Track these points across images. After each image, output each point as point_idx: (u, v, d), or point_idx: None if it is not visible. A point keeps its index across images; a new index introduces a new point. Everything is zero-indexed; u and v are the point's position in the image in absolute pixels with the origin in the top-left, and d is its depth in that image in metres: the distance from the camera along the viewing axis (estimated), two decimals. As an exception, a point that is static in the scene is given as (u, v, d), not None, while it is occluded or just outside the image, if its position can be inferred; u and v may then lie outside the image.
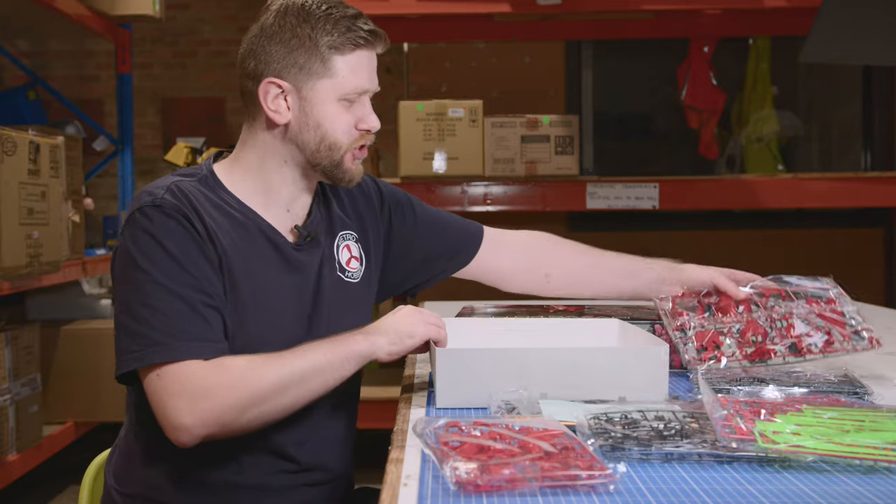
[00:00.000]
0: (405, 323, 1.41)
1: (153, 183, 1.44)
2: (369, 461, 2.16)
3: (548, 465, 0.99)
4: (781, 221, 5.04)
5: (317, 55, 1.43)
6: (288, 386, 1.33)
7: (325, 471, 1.51)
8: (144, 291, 1.33)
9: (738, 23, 4.18)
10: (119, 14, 4.12)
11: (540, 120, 3.66)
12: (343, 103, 1.46)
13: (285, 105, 1.45)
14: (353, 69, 1.45)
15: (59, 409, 3.63)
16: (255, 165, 1.49)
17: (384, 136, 5.42)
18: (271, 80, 1.44)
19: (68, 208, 3.48)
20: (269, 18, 1.45)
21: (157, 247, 1.35)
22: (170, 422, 1.30)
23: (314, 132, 1.45)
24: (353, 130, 1.47)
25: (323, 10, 1.44)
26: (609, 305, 1.90)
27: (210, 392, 1.30)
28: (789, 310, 1.54)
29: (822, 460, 1.04)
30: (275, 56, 1.43)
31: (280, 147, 1.47)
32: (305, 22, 1.43)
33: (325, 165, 1.47)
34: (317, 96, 1.44)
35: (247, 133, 1.50)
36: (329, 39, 1.43)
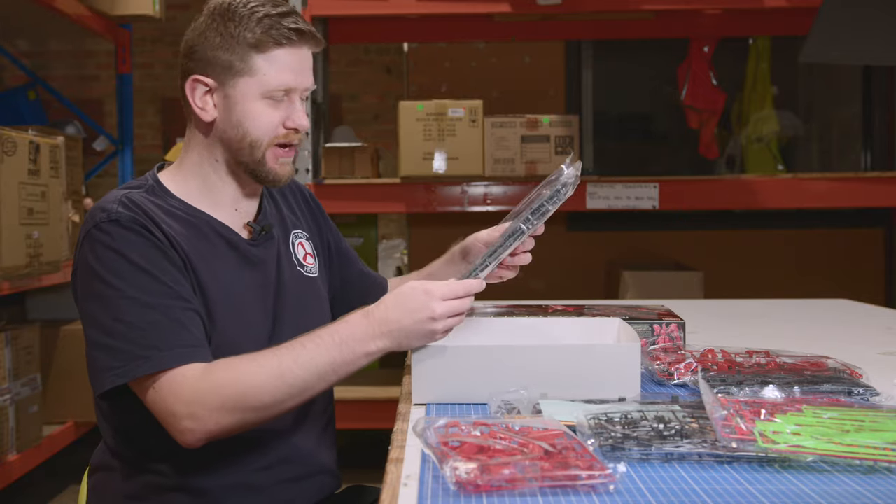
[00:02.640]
0: (420, 328, 1.32)
1: (103, 199, 1.43)
2: (369, 461, 2.16)
3: (548, 465, 0.99)
4: (781, 221, 5.04)
5: (238, 53, 1.43)
6: (289, 397, 1.32)
7: (304, 465, 1.51)
8: (116, 307, 1.32)
9: (738, 23, 4.18)
10: (119, 14, 4.12)
11: (540, 120, 3.66)
12: (267, 101, 1.45)
13: (212, 103, 1.46)
14: (276, 67, 1.44)
15: (59, 409, 3.63)
16: (195, 166, 1.50)
17: (384, 135, 5.45)
18: (197, 78, 1.45)
19: (68, 208, 3.48)
20: (199, 18, 1.48)
21: (122, 260, 1.34)
22: (174, 428, 1.31)
23: (236, 129, 1.46)
24: (278, 128, 1.46)
25: (248, 8, 1.44)
26: (608, 305, 1.90)
27: (205, 402, 1.29)
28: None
29: (822, 460, 1.04)
30: (201, 54, 1.45)
31: (211, 145, 1.49)
32: (230, 20, 1.44)
33: (247, 163, 1.48)
34: (238, 94, 1.44)
35: (188, 134, 1.52)
36: (251, 37, 1.43)
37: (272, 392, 1.30)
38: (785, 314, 2.50)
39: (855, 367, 1.44)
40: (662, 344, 1.60)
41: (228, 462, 1.44)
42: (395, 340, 1.33)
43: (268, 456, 1.46)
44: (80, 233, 1.41)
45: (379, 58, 5.81)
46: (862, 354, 1.66)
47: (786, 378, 1.37)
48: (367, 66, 5.79)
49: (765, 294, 3.44)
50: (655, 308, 1.81)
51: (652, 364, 1.49)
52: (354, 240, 4.52)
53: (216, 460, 1.43)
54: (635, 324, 1.62)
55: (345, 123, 5.59)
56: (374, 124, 5.77)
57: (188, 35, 1.49)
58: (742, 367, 1.45)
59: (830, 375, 1.39)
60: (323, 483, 1.55)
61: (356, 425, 3.65)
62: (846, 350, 1.72)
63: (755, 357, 1.50)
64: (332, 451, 1.60)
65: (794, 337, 2.05)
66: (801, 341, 1.93)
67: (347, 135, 4.91)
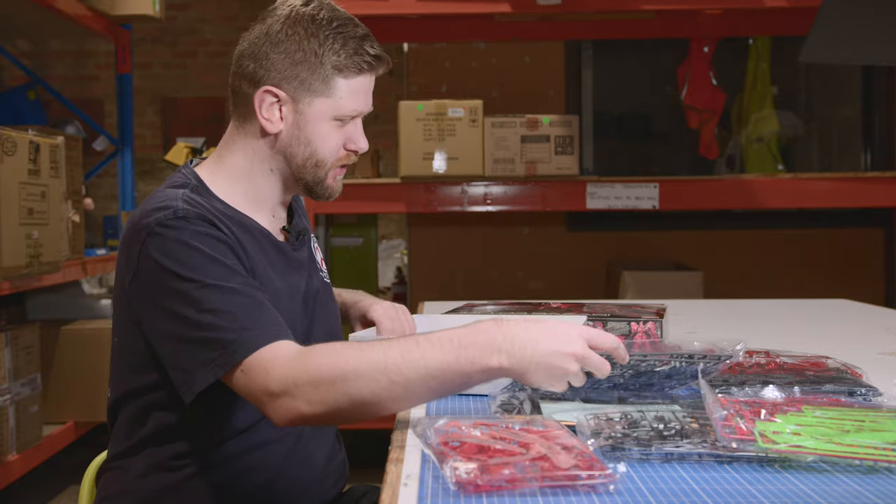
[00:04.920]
0: (554, 361, 1.15)
1: (158, 198, 1.38)
2: (369, 461, 2.16)
3: (548, 465, 0.99)
4: (781, 221, 5.04)
5: (320, 73, 1.40)
6: (390, 399, 1.19)
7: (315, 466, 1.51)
8: (199, 299, 1.27)
9: (738, 23, 4.18)
10: (119, 14, 4.12)
11: (540, 120, 3.66)
12: (336, 123, 1.44)
13: (279, 115, 1.42)
14: (353, 92, 1.43)
15: (59, 409, 3.63)
16: (242, 170, 1.47)
17: (384, 135, 5.45)
18: (269, 89, 1.41)
19: (68, 208, 3.48)
20: (276, 24, 1.42)
21: (195, 252, 1.30)
22: (268, 407, 1.23)
23: (304, 147, 1.44)
24: (340, 150, 1.46)
25: (333, 26, 1.41)
26: (607, 304, 1.90)
27: (299, 382, 1.20)
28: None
29: (822, 460, 1.04)
30: (277, 65, 1.40)
31: (269, 155, 1.46)
32: (314, 36, 1.40)
33: (307, 181, 1.46)
34: (312, 113, 1.42)
35: (235, 134, 1.48)
36: (335, 59, 1.40)
37: (370, 384, 1.17)
38: (785, 314, 2.50)
39: (855, 366, 1.44)
40: (639, 341, 1.61)
41: (245, 465, 1.43)
42: (521, 364, 1.15)
43: (280, 455, 1.47)
44: (134, 233, 1.34)
45: (379, 58, 5.81)
46: (862, 354, 1.66)
47: (787, 378, 1.37)
48: (367, 66, 5.79)
49: (764, 294, 3.44)
50: (654, 307, 1.81)
51: None
52: (354, 240, 4.52)
53: (234, 462, 1.42)
54: (615, 321, 1.63)
55: (345, 123, 5.58)
56: (374, 124, 5.77)
57: (258, 38, 1.43)
58: (743, 368, 1.45)
59: (833, 376, 1.39)
60: (330, 483, 1.55)
61: (356, 425, 3.65)
62: (846, 350, 1.72)
63: (755, 357, 1.50)
64: (343, 456, 1.60)
65: (794, 337, 2.05)
66: (801, 341, 1.93)
67: (347, 135, 4.91)
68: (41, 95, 4.77)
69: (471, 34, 4.41)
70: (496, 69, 5.24)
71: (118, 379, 1.44)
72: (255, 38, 1.43)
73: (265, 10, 1.46)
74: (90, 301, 4.05)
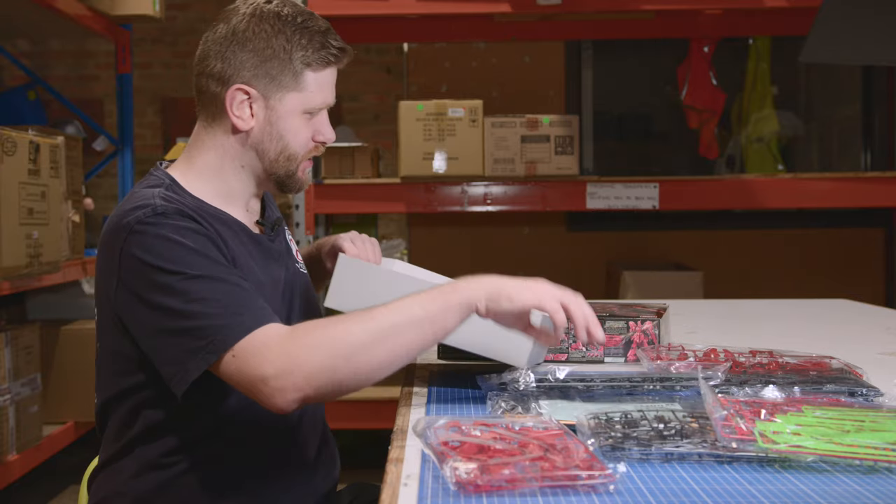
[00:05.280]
0: (513, 286, 1.30)
1: (135, 198, 1.39)
2: (369, 461, 2.16)
3: (548, 465, 0.99)
4: (781, 221, 5.04)
5: (290, 69, 1.43)
6: (380, 340, 1.24)
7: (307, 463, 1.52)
8: (184, 290, 1.28)
9: (738, 23, 4.18)
10: (119, 14, 4.12)
11: (540, 120, 3.66)
12: (305, 116, 1.46)
13: (249, 112, 1.44)
14: (320, 85, 1.46)
15: (59, 409, 3.63)
16: (213, 167, 1.48)
17: (384, 135, 5.45)
18: (240, 87, 1.43)
19: (68, 208, 3.48)
20: (241, 22, 1.43)
21: (178, 246, 1.31)
22: (263, 394, 1.24)
23: (276, 143, 1.46)
24: (309, 143, 1.48)
25: (298, 22, 1.43)
26: (607, 304, 1.90)
27: (294, 355, 1.23)
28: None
29: (822, 460, 1.04)
30: (246, 63, 1.42)
31: (240, 152, 1.47)
32: (281, 32, 1.42)
33: (280, 175, 1.48)
34: (283, 108, 1.44)
35: (203, 133, 1.49)
36: (303, 54, 1.43)
37: (360, 333, 1.24)
38: (785, 314, 2.50)
39: (855, 366, 1.44)
40: (637, 340, 1.62)
41: (237, 457, 1.44)
42: (493, 289, 1.29)
43: (271, 452, 1.47)
44: (114, 234, 1.36)
45: (379, 58, 5.82)
46: (862, 354, 1.66)
47: (790, 378, 1.37)
48: (367, 66, 5.79)
49: (764, 294, 3.44)
50: (654, 306, 1.81)
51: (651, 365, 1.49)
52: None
53: (226, 455, 1.42)
54: (614, 321, 1.64)
55: (345, 123, 5.59)
56: (374, 124, 5.77)
57: (224, 37, 1.44)
58: (744, 367, 1.45)
59: (835, 376, 1.39)
60: (321, 476, 1.55)
61: (356, 425, 3.65)
62: (846, 350, 1.71)
63: (758, 357, 1.50)
64: (333, 448, 1.60)
65: (793, 337, 2.05)
66: (801, 341, 1.93)
67: (347, 135, 4.91)
68: (41, 95, 4.77)
69: (471, 34, 4.41)
70: (496, 69, 5.24)
71: (105, 383, 1.45)
72: (220, 38, 1.44)
73: (225, 10, 1.47)
74: (90, 301, 4.04)
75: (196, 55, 1.48)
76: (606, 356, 1.64)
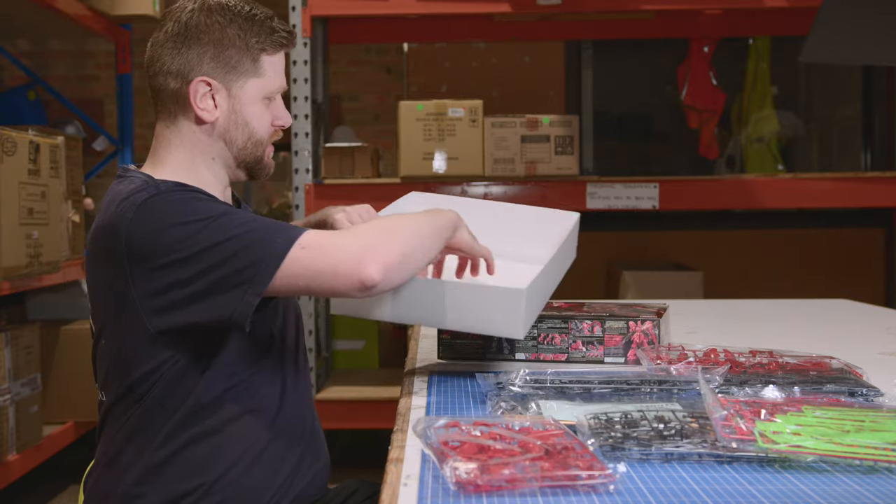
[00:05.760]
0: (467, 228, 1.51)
1: (120, 195, 1.42)
2: (369, 461, 2.16)
3: (548, 465, 0.99)
4: (781, 221, 5.04)
5: (248, 55, 1.48)
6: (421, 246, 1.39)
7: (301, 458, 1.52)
8: (220, 226, 1.33)
9: (738, 23, 4.18)
10: (119, 14, 4.12)
11: (540, 120, 3.66)
12: (265, 102, 1.51)
13: (212, 103, 1.48)
14: (276, 69, 1.51)
15: (59, 409, 3.63)
16: (184, 164, 1.51)
17: (384, 135, 5.45)
18: (202, 79, 1.46)
19: (68, 208, 3.48)
20: (192, 18, 1.47)
21: (192, 202, 1.37)
22: (353, 271, 1.31)
23: (242, 130, 1.50)
24: (269, 127, 1.53)
25: (247, 10, 1.49)
26: (607, 304, 1.90)
27: (365, 231, 1.37)
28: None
29: (822, 460, 1.04)
30: (204, 55, 1.46)
31: (208, 143, 1.50)
32: (233, 22, 1.47)
33: (249, 161, 1.53)
34: (245, 95, 1.49)
35: (167, 132, 1.52)
36: (257, 40, 1.48)
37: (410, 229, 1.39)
38: (785, 314, 2.50)
39: (855, 366, 1.44)
40: (637, 340, 1.63)
41: (229, 454, 1.44)
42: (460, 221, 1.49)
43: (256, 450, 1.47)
44: (111, 226, 1.38)
45: (379, 58, 5.81)
46: (862, 354, 1.66)
47: (790, 378, 1.37)
48: (367, 66, 5.79)
49: (764, 294, 3.44)
50: (654, 306, 1.81)
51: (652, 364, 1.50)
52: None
53: (219, 452, 1.43)
54: (614, 320, 1.64)
55: (345, 123, 5.58)
56: (374, 124, 5.77)
57: (174, 34, 1.48)
58: (744, 367, 1.45)
59: (835, 376, 1.39)
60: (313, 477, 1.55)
61: (356, 425, 3.65)
62: (846, 350, 1.71)
63: (758, 357, 1.50)
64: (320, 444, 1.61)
65: (793, 337, 2.05)
66: (800, 341, 1.93)
67: (347, 135, 4.91)
68: (41, 95, 4.77)
69: (471, 34, 4.41)
70: (496, 69, 5.25)
71: (115, 378, 1.45)
72: (172, 35, 1.48)
73: (169, 10, 1.52)
74: (90, 301, 4.04)
75: (146, 58, 1.52)
76: (606, 356, 1.64)
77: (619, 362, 1.63)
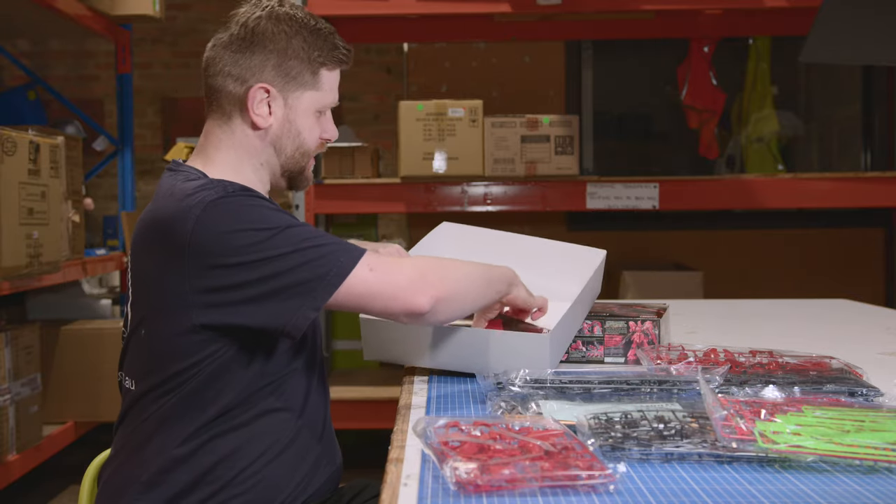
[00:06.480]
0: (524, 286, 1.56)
1: (185, 189, 1.41)
2: (369, 461, 2.16)
3: (548, 465, 0.99)
4: (781, 221, 5.04)
5: (308, 67, 1.51)
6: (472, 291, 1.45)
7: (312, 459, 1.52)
8: (287, 237, 1.35)
9: (738, 23, 4.18)
10: (119, 14, 4.12)
11: (540, 120, 3.66)
12: (317, 114, 1.54)
13: (268, 110, 1.50)
14: (332, 84, 1.55)
15: (59, 409, 3.63)
16: (231, 165, 1.51)
17: (384, 135, 5.45)
18: (262, 86, 1.48)
19: (68, 208, 3.48)
20: (258, 24, 1.48)
21: (260, 209, 1.39)
22: (408, 295, 1.36)
23: (294, 139, 1.53)
24: (317, 140, 1.56)
25: (312, 24, 1.52)
26: (607, 304, 1.90)
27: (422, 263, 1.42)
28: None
29: (822, 460, 1.04)
30: (267, 62, 1.48)
31: (259, 149, 1.52)
32: (298, 33, 1.49)
33: (293, 171, 1.56)
34: (301, 106, 1.52)
35: (220, 132, 1.52)
36: (319, 54, 1.51)
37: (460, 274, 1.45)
38: (785, 314, 2.50)
39: (855, 366, 1.44)
40: (637, 340, 1.63)
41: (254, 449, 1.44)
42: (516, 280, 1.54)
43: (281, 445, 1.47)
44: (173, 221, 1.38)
45: (379, 58, 5.82)
46: (862, 354, 1.66)
47: (790, 378, 1.37)
48: (367, 66, 5.79)
49: (764, 294, 3.44)
50: (654, 306, 1.81)
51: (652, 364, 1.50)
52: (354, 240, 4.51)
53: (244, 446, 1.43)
54: (614, 320, 1.64)
55: (345, 123, 5.58)
56: (374, 124, 5.77)
57: (239, 37, 1.49)
58: (744, 368, 1.45)
59: (835, 376, 1.39)
60: (330, 475, 1.56)
61: (356, 425, 3.65)
62: (846, 350, 1.72)
63: (758, 357, 1.50)
64: (335, 446, 1.61)
65: (793, 337, 2.05)
66: (800, 341, 1.93)
67: (347, 135, 4.91)
68: (41, 95, 4.77)
69: (471, 34, 4.41)
70: (496, 69, 5.25)
71: (151, 368, 1.44)
72: (237, 39, 1.49)
73: (235, 13, 1.52)
74: (90, 301, 4.05)
75: (206, 57, 1.52)
76: (606, 356, 1.64)
77: (619, 362, 1.63)
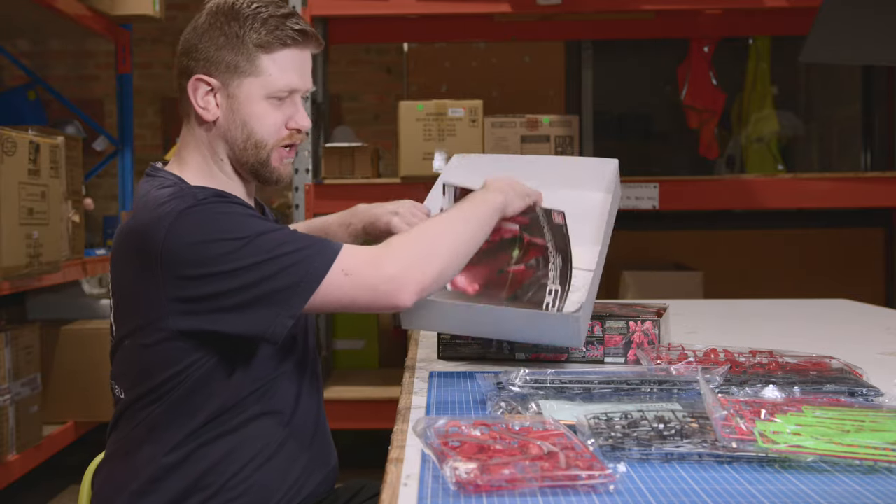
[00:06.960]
0: (515, 186, 1.56)
1: (158, 198, 1.40)
2: (369, 461, 2.16)
3: (548, 465, 0.99)
4: (781, 221, 5.03)
5: (244, 53, 1.45)
6: (462, 253, 1.44)
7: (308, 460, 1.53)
8: (259, 245, 1.33)
9: (738, 23, 4.18)
10: (119, 14, 4.12)
11: (540, 120, 3.65)
12: (272, 101, 1.47)
13: (214, 102, 1.47)
14: (281, 69, 1.47)
15: (59, 409, 3.63)
16: (201, 164, 1.51)
17: (384, 135, 5.46)
18: (199, 77, 1.46)
19: (68, 208, 3.48)
20: (201, 17, 1.49)
21: (234, 217, 1.37)
22: (388, 294, 1.36)
23: (241, 130, 1.48)
24: (282, 129, 1.49)
25: (252, 8, 1.47)
26: (607, 304, 1.90)
27: (404, 255, 1.38)
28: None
29: (822, 460, 1.04)
30: (203, 53, 1.46)
31: (214, 144, 1.50)
32: (234, 20, 1.46)
33: (251, 164, 1.50)
34: (243, 94, 1.46)
35: (186, 132, 1.52)
36: (256, 37, 1.45)
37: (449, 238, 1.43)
38: (785, 314, 2.50)
39: (855, 366, 1.44)
40: (637, 340, 1.63)
41: (245, 453, 1.44)
42: (503, 190, 1.54)
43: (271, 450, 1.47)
44: (146, 231, 1.36)
45: (379, 58, 5.82)
46: (862, 354, 1.66)
47: (790, 378, 1.37)
48: (367, 66, 5.79)
49: (764, 294, 3.44)
50: (654, 306, 1.81)
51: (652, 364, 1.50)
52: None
53: (235, 451, 1.43)
54: (614, 320, 1.64)
55: (345, 123, 5.59)
56: (374, 124, 5.77)
57: (188, 34, 1.49)
58: (744, 367, 1.45)
59: (835, 376, 1.39)
60: (324, 477, 1.55)
61: (356, 425, 3.65)
62: (846, 350, 1.71)
63: (758, 357, 1.50)
64: (330, 446, 1.61)
65: (793, 337, 2.05)
66: (800, 341, 1.93)
67: (347, 135, 4.91)
68: (41, 95, 4.77)
69: (471, 34, 4.41)
70: (496, 69, 5.25)
71: (137, 377, 1.44)
72: (185, 36, 1.50)
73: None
74: (90, 301, 4.04)
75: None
76: (606, 356, 1.64)
77: (619, 362, 1.63)
